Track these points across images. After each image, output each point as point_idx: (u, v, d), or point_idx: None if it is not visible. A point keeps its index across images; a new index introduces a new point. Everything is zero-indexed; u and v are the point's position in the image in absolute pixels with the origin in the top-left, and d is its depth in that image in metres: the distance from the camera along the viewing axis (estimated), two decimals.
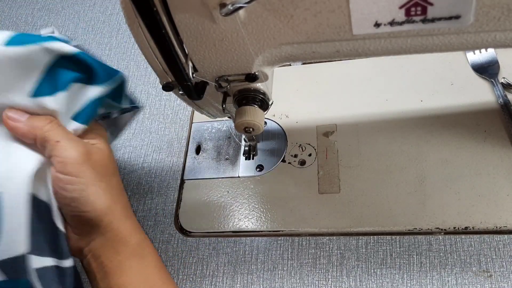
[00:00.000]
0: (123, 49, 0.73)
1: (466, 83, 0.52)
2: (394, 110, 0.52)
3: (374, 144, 0.50)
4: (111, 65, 0.37)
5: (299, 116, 0.55)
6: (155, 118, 0.63)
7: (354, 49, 0.30)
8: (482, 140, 0.47)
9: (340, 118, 0.53)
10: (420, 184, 0.46)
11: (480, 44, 0.28)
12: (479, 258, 0.43)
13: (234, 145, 0.55)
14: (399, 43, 0.29)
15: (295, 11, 0.27)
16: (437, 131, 0.49)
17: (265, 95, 0.37)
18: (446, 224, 0.44)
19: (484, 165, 0.46)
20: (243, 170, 0.53)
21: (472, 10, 0.25)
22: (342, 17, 0.27)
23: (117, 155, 0.61)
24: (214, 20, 0.28)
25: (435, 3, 0.25)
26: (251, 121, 0.37)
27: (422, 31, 0.27)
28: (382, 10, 0.26)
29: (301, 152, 0.52)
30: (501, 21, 0.26)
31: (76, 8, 0.81)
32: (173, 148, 0.60)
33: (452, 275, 0.43)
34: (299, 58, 0.32)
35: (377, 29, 0.27)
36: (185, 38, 0.30)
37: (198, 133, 0.58)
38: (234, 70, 0.33)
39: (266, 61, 0.32)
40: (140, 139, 0.62)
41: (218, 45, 0.30)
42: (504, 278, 0.42)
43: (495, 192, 0.44)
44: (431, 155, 0.48)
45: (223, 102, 0.38)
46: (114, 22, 0.77)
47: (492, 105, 0.49)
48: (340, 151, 0.51)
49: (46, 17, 0.81)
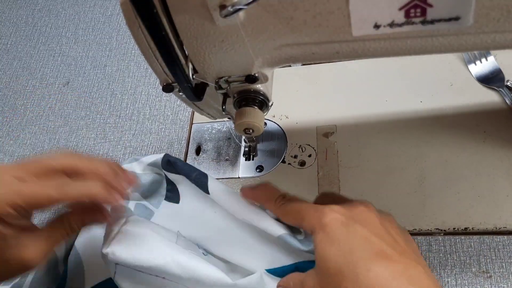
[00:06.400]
0: (124, 50, 0.73)
1: (465, 84, 0.52)
2: (394, 110, 0.52)
3: (374, 145, 0.50)
4: (111, 65, 0.37)
5: (299, 117, 0.55)
6: (155, 119, 0.64)
7: (353, 50, 0.30)
8: (481, 140, 0.48)
9: (340, 119, 0.53)
10: (420, 184, 0.46)
11: (480, 46, 0.28)
12: (478, 259, 0.44)
13: (234, 146, 0.55)
14: (399, 45, 0.29)
15: (295, 13, 0.27)
16: (437, 131, 0.49)
17: (265, 96, 0.37)
18: (445, 224, 0.44)
19: (484, 166, 0.46)
20: (243, 171, 0.53)
21: (471, 12, 0.25)
22: (342, 19, 0.27)
23: (117, 156, 0.61)
24: (214, 21, 0.28)
25: (435, 5, 0.25)
26: (251, 122, 0.37)
27: (422, 33, 0.27)
28: (381, 12, 0.26)
29: (301, 153, 0.52)
30: (500, 22, 0.26)
31: (77, 9, 0.81)
32: (173, 149, 0.60)
33: (451, 275, 0.43)
34: (299, 59, 0.32)
35: (377, 30, 0.27)
36: (185, 39, 0.30)
37: (198, 134, 0.58)
38: (234, 71, 0.33)
39: (266, 62, 0.32)
40: (140, 140, 0.62)
41: (218, 47, 0.30)
42: (504, 279, 0.42)
43: (495, 193, 0.44)
44: (431, 155, 0.48)
45: (223, 103, 0.38)
46: (114, 23, 0.77)
47: (492, 106, 0.49)
48: (340, 151, 0.51)
49: (46, 18, 0.81)
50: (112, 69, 0.71)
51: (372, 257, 0.27)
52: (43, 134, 0.66)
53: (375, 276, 0.26)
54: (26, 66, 0.76)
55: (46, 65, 0.75)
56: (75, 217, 0.34)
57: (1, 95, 0.73)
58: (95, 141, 0.64)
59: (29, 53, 0.77)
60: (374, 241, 0.28)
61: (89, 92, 0.69)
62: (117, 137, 0.63)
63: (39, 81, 0.73)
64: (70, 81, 0.72)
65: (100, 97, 0.68)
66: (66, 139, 0.65)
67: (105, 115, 0.66)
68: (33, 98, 0.71)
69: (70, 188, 0.31)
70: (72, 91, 0.70)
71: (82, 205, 0.34)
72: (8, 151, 0.66)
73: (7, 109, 0.71)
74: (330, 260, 0.28)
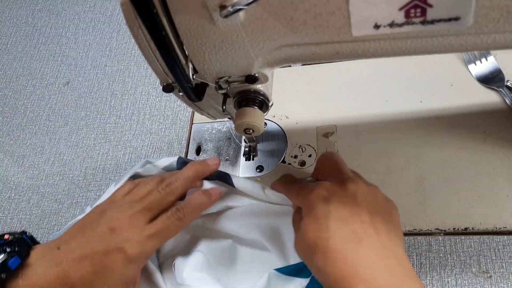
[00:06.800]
0: (124, 50, 0.73)
1: (465, 84, 0.52)
2: (394, 111, 0.52)
3: (374, 145, 0.50)
4: (111, 65, 0.37)
5: (299, 117, 0.55)
6: (155, 119, 0.64)
7: (353, 50, 0.30)
8: (481, 141, 0.48)
9: (340, 119, 0.53)
10: (420, 184, 0.46)
11: (480, 46, 0.28)
12: (478, 259, 0.44)
13: (234, 146, 0.55)
14: (399, 45, 0.29)
15: (295, 13, 0.27)
16: (437, 132, 0.49)
17: (265, 97, 0.37)
18: (445, 225, 0.44)
19: (484, 166, 0.46)
20: (243, 171, 0.53)
21: (471, 12, 0.25)
22: (342, 19, 0.27)
23: (118, 156, 0.61)
24: (214, 22, 0.28)
25: (435, 5, 0.25)
26: (251, 123, 0.37)
27: (422, 33, 0.27)
28: (381, 12, 0.26)
29: (301, 153, 0.52)
30: (500, 23, 0.26)
31: (77, 9, 0.81)
32: (173, 149, 0.60)
33: (452, 275, 0.43)
34: (299, 59, 0.32)
35: (377, 30, 0.27)
36: (185, 39, 0.30)
37: (198, 134, 0.58)
38: (234, 71, 0.33)
39: (266, 62, 0.32)
40: (140, 140, 0.62)
41: (218, 47, 0.30)
42: (504, 279, 0.42)
43: (495, 193, 0.44)
44: (431, 156, 0.48)
45: (223, 104, 0.39)
46: (115, 23, 0.77)
47: (492, 106, 0.49)
48: (340, 152, 0.51)
49: (46, 18, 0.81)
50: (112, 69, 0.71)
51: (344, 237, 0.30)
52: (43, 134, 0.66)
53: (343, 256, 0.29)
54: (26, 66, 0.76)
55: (46, 65, 0.75)
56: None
57: (1, 95, 0.73)
58: (95, 141, 0.64)
59: (29, 53, 0.77)
60: (349, 222, 0.31)
61: (89, 92, 0.69)
62: (117, 137, 0.63)
63: (39, 81, 0.73)
64: (70, 81, 0.72)
65: (100, 97, 0.68)
66: (66, 139, 0.65)
67: (105, 115, 0.66)
68: (33, 98, 0.71)
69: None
70: (72, 91, 0.70)
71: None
72: (8, 151, 0.66)
73: (7, 109, 0.71)
74: (308, 231, 0.32)
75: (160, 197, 0.40)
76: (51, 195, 0.60)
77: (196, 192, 0.42)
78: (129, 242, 0.37)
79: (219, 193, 0.43)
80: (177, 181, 0.41)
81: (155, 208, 0.40)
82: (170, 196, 0.41)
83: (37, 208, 0.59)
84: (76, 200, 0.59)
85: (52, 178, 0.62)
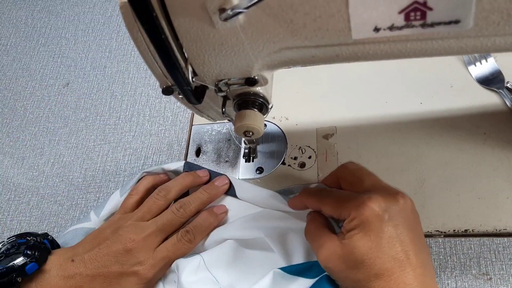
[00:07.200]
0: (123, 51, 0.73)
1: (465, 85, 0.52)
2: (394, 112, 0.52)
3: (374, 147, 0.50)
4: (110, 66, 0.37)
5: (299, 119, 0.55)
6: (155, 120, 0.63)
7: (353, 53, 0.30)
8: (481, 142, 0.47)
9: (340, 121, 0.53)
10: (420, 186, 0.46)
11: (480, 49, 0.28)
12: (478, 261, 0.43)
13: (234, 147, 0.55)
14: (399, 48, 0.29)
15: (295, 16, 0.27)
16: (437, 133, 0.49)
17: (265, 99, 0.37)
18: (445, 226, 0.44)
19: (484, 167, 0.46)
20: (243, 173, 0.53)
21: (471, 15, 0.25)
22: (342, 22, 0.27)
23: (117, 158, 0.61)
24: (213, 24, 0.28)
25: (435, 8, 0.25)
26: (251, 125, 0.37)
27: (422, 36, 0.27)
28: (381, 15, 0.26)
29: (301, 155, 0.52)
30: (500, 25, 0.26)
31: (76, 10, 0.81)
32: (173, 151, 0.60)
33: (451, 277, 0.43)
34: (299, 62, 0.32)
35: (377, 33, 0.27)
36: (185, 42, 0.30)
37: (198, 136, 0.58)
38: (234, 74, 0.33)
39: (266, 65, 0.32)
40: (140, 141, 0.62)
41: (217, 50, 0.30)
42: (504, 281, 0.42)
43: (495, 195, 0.44)
44: (431, 157, 0.48)
45: (223, 106, 0.38)
46: (114, 24, 0.77)
47: (492, 107, 0.49)
48: (340, 153, 0.51)
49: (46, 19, 0.81)
50: (112, 71, 0.71)
51: (392, 257, 0.31)
52: (42, 136, 0.66)
53: (389, 275, 0.31)
54: (26, 67, 0.75)
55: (46, 66, 0.75)
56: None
57: (1, 96, 0.73)
58: (95, 142, 0.64)
59: (29, 54, 0.77)
60: (398, 241, 0.32)
61: (88, 94, 0.69)
62: (117, 139, 0.63)
63: (38, 82, 0.73)
64: (69, 82, 0.72)
65: (100, 99, 0.68)
66: (66, 141, 0.65)
67: (105, 117, 0.66)
68: (32, 99, 0.71)
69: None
70: (71, 93, 0.70)
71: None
72: (8, 152, 0.66)
73: (6, 111, 0.71)
74: (359, 246, 0.32)
75: (174, 218, 0.42)
76: (50, 196, 0.60)
77: (203, 213, 0.44)
78: (143, 265, 0.39)
79: (226, 211, 0.45)
80: (191, 204, 0.44)
81: (168, 229, 0.42)
82: (184, 219, 0.43)
83: (37, 210, 0.59)
84: (76, 201, 0.59)
85: (52, 179, 0.61)
